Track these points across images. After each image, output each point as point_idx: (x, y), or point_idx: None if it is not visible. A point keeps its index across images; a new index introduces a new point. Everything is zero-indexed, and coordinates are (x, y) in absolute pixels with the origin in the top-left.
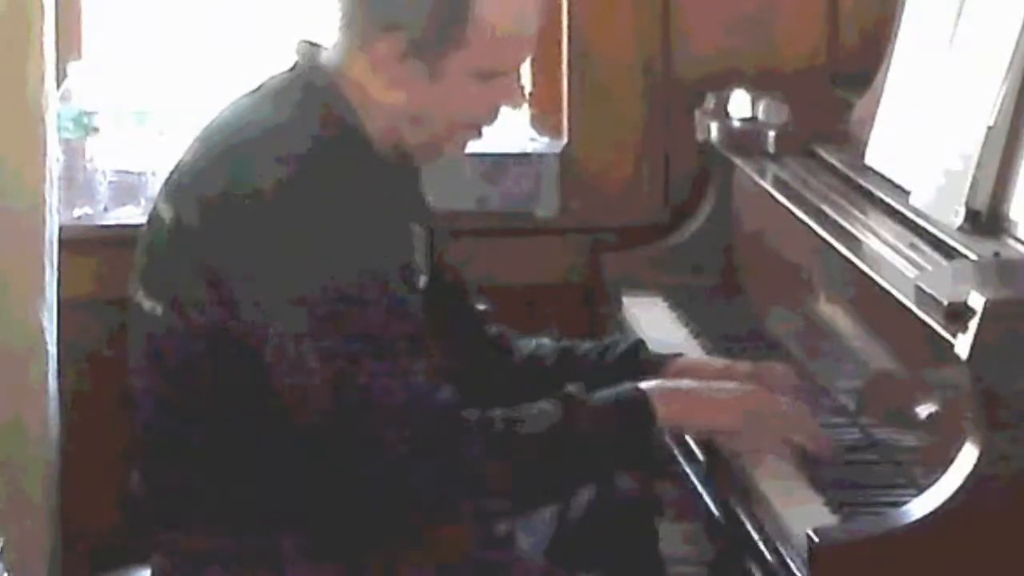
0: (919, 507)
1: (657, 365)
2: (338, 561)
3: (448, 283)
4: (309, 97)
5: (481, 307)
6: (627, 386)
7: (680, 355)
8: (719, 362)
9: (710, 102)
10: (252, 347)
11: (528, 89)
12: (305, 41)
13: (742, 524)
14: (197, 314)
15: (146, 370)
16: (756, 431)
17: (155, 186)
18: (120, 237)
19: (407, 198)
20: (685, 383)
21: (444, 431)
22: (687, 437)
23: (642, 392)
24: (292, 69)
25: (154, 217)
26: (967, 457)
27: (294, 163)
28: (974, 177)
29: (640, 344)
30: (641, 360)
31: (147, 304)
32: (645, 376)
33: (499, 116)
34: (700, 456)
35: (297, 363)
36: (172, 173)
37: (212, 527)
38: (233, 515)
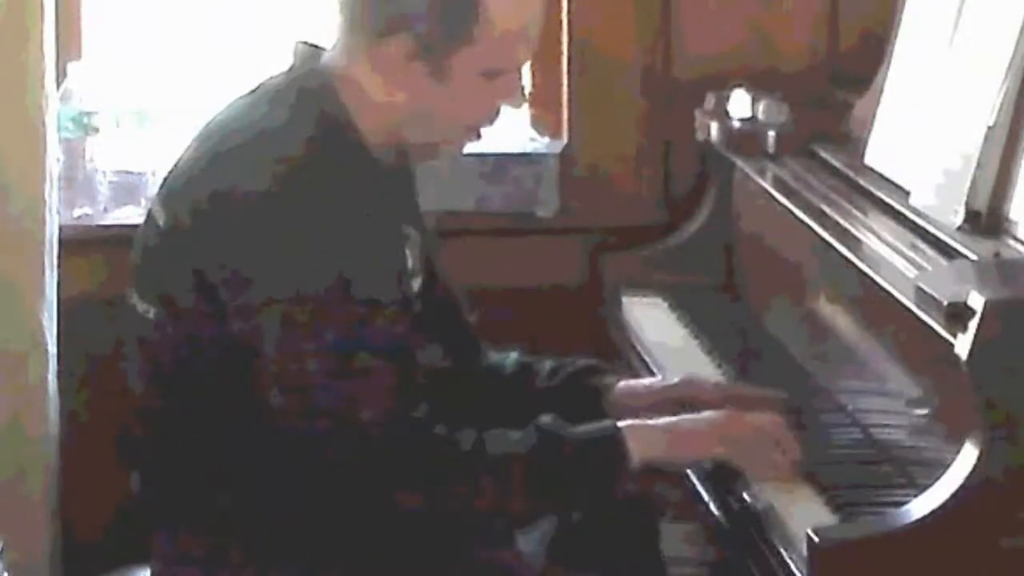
0: (919, 507)
1: (598, 392)
2: (337, 562)
3: (440, 288)
4: (304, 99)
5: (470, 318)
6: (604, 424)
7: (619, 380)
8: (652, 383)
9: (710, 102)
10: (243, 350)
11: (528, 89)
12: (302, 42)
13: (742, 524)
14: (189, 316)
15: (141, 373)
16: (740, 455)
17: (155, 186)
18: (120, 237)
19: (401, 201)
20: (663, 420)
21: (414, 446)
22: None
23: (618, 431)
24: (288, 71)
25: (149, 219)
26: (967, 457)
27: (287, 166)
28: (974, 177)
29: (589, 368)
30: (585, 385)
31: (141, 307)
32: (588, 401)
33: (499, 116)
34: None
35: (284, 367)
36: (168, 175)
37: (211, 528)
38: (231, 516)
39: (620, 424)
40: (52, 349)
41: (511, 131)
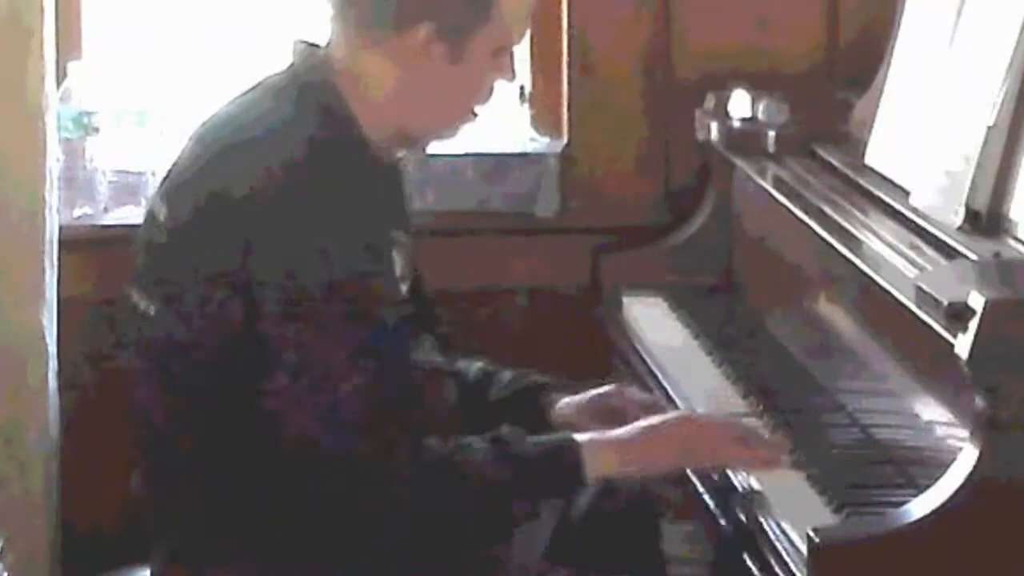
0: (919, 507)
1: (542, 410)
2: (335, 561)
3: (420, 294)
4: (306, 97)
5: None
6: (561, 437)
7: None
8: (587, 395)
9: (710, 102)
10: (244, 347)
11: (528, 89)
12: (301, 41)
13: (743, 524)
14: (190, 314)
15: (141, 370)
16: (698, 460)
17: (155, 186)
18: (120, 237)
19: (391, 204)
20: (616, 433)
21: (381, 454)
22: None
23: (576, 445)
24: (290, 68)
25: (149, 216)
26: (967, 457)
27: (290, 165)
28: (974, 177)
29: (539, 386)
30: (531, 401)
31: (142, 304)
32: (534, 417)
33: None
34: None
35: (282, 366)
36: (167, 173)
37: (211, 527)
38: (231, 516)
39: (579, 438)
40: (52, 349)
41: (511, 131)
